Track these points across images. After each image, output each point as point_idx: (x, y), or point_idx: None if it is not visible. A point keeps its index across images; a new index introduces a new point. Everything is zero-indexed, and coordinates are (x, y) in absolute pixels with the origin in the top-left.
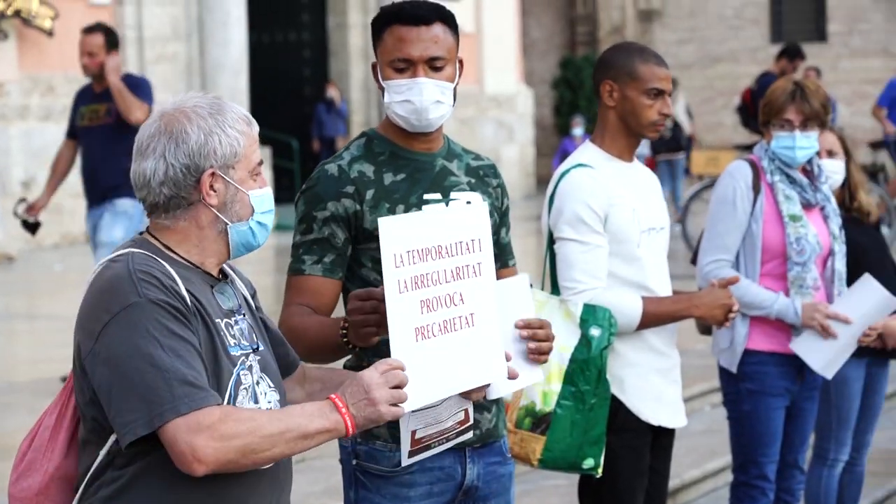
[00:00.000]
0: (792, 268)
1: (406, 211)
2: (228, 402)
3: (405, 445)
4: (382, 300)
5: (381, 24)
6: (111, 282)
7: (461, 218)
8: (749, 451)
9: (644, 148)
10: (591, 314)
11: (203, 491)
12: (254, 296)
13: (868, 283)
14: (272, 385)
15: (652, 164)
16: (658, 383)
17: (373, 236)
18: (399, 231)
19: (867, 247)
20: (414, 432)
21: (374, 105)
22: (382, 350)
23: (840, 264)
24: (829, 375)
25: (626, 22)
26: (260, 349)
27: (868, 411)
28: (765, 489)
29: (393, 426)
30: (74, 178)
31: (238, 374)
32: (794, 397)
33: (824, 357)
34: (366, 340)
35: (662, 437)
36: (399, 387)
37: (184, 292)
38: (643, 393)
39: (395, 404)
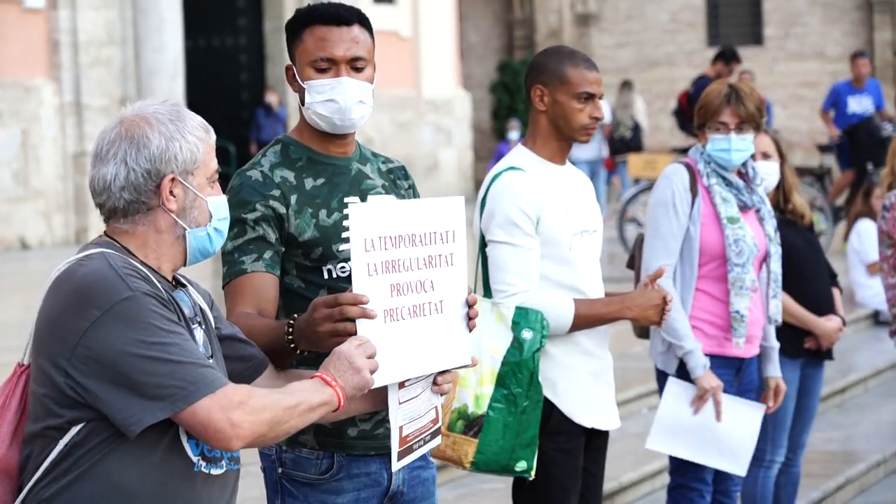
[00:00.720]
0: (732, 269)
1: (329, 216)
2: None
3: (395, 446)
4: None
5: (300, 24)
6: (92, 279)
7: (437, 209)
8: None
9: (584, 151)
10: (523, 317)
11: (154, 492)
12: (212, 306)
13: (757, 410)
14: None
15: (611, 164)
16: (591, 385)
17: (297, 242)
18: (370, 217)
19: (801, 248)
20: (401, 429)
21: None
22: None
23: (776, 266)
24: (648, 445)
25: (564, 26)
26: (216, 357)
27: (803, 413)
28: (702, 491)
29: (320, 433)
30: (7, 184)
31: None
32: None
33: (670, 417)
34: (324, 349)
35: (596, 440)
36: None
37: (162, 290)
38: (576, 395)
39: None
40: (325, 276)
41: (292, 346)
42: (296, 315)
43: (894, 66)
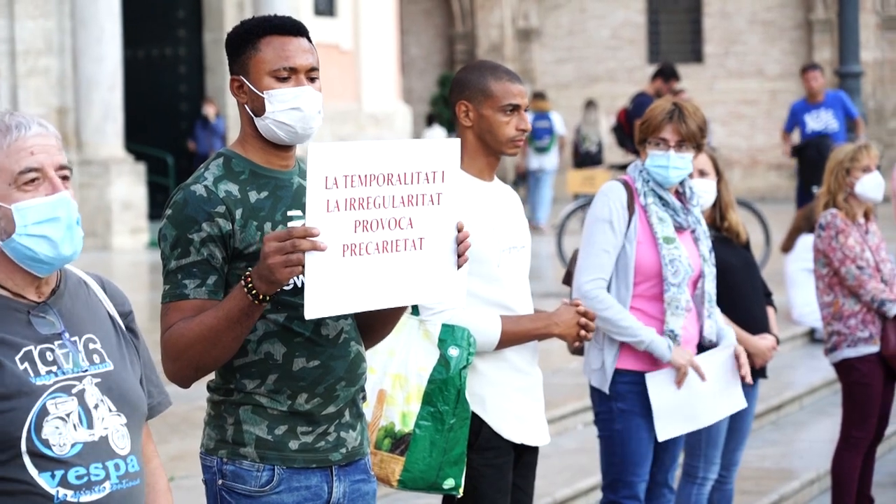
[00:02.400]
0: (668, 289)
1: (273, 229)
2: (29, 435)
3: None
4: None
5: (254, 35)
6: None
7: (427, 150)
8: (620, 470)
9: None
10: (449, 334)
11: None
12: (127, 314)
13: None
14: (115, 408)
15: None
16: (520, 401)
17: (242, 255)
18: (332, 156)
19: (736, 267)
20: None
21: None
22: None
23: (710, 286)
24: (661, 437)
25: (505, 41)
26: (104, 370)
27: (737, 430)
28: None
29: (261, 446)
30: None
31: (43, 405)
32: None
33: (666, 405)
34: (280, 282)
35: (526, 455)
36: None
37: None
38: (505, 411)
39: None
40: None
41: (253, 293)
42: (247, 269)
43: (834, 85)
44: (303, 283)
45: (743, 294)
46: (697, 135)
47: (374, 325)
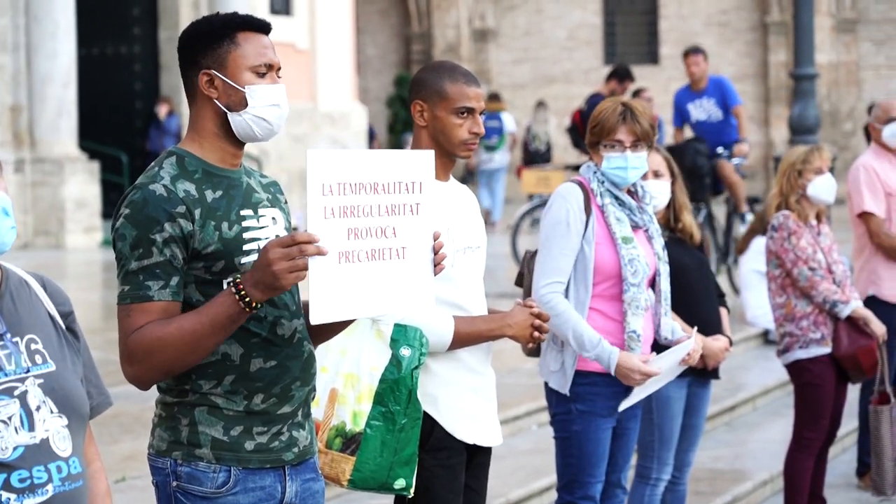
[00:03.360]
0: (628, 289)
1: (230, 229)
2: None
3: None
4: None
5: (231, 29)
6: None
7: (404, 161)
8: (576, 471)
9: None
10: (402, 334)
11: None
12: (67, 315)
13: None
14: (57, 410)
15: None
16: (472, 401)
17: (200, 255)
18: (328, 163)
19: (690, 268)
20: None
21: None
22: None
23: (665, 284)
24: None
25: (462, 41)
26: (46, 371)
27: (690, 431)
28: None
29: (217, 447)
30: None
31: None
32: (620, 417)
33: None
34: (284, 288)
35: (479, 456)
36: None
37: None
38: (457, 411)
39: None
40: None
41: (245, 300)
42: (235, 276)
43: (788, 87)
44: None
45: (696, 295)
46: (650, 133)
47: (330, 326)
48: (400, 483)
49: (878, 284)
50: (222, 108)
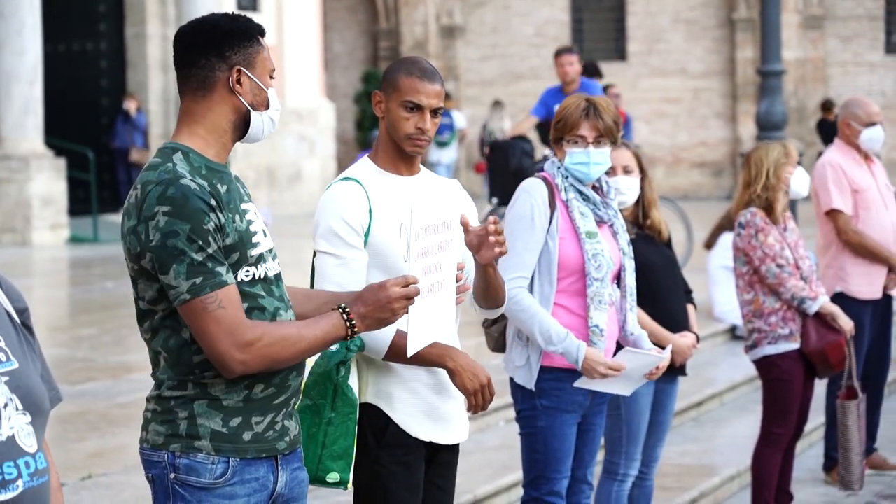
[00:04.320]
0: (591, 283)
1: (241, 221)
2: None
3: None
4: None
5: (257, 31)
6: None
7: (444, 200)
8: (542, 466)
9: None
10: None
11: None
12: (23, 311)
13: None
14: (22, 407)
15: (482, 168)
16: (430, 399)
17: (224, 247)
18: (424, 210)
19: (658, 264)
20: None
21: (172, 116)
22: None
23: (630, 279)
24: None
25: (429, 38)
26: (11, 369)
27: (657, 427)
28: None
29: (217, 439)
30: None
31: None
32: (585, 412)
33: (608, 385)
34: (390, 324)
35: (444, 454)
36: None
37: None
38: (413, 408)
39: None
40: (236, 279)
41: (353, 329)
42: (342, 304)
43: (756, 83)
44: (263, 275)
45: (664, 292)
46: (614, 129)
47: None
48: (333, 477)
49: (845, 281)
50: (246, 105)
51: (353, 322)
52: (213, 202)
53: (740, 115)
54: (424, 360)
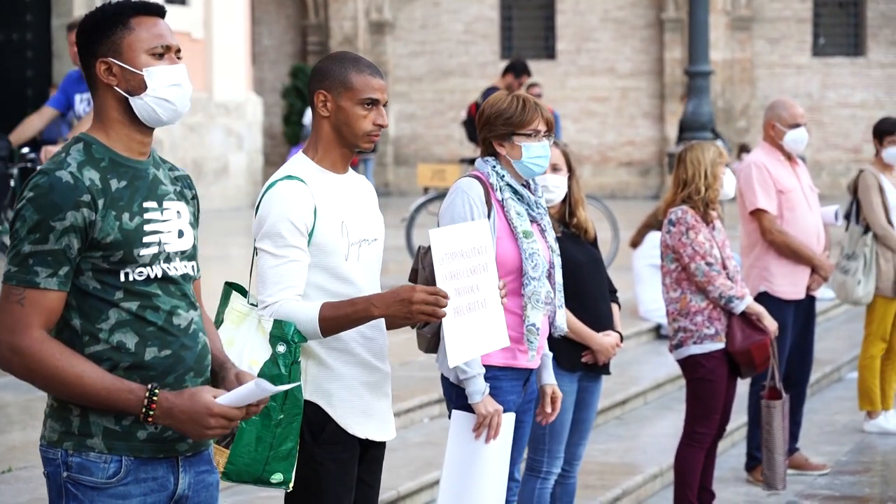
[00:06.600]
0: (529, 283)
1: (131, 220)
2: None
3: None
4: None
5: (126, 15)
6: None
7: (472, 230)
8: None
9: None
10: (278, 329)
11: None
12: None
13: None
14: None
15: (355, 160)
16: (366, 397)
17: (99, 245)
18: (445, 239)
19: (583, 263)
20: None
21: None
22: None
23: (559, 277)
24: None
25: (359, 33)
26: None
27: (580, 425)
28: None
29: (109, 436)
30: None
31: None
32: (516, 410)
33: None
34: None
35: (372, 450)
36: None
37: None
38: (350, 406)
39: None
40: (122, 278)
41: (147, 415)
42: (153, 387)
43: (683, 84)
44: (161, 274)
45: (589, 291)
46: (551, 123)
47: None
48: (277, 477)
49: (769, 281)
50: (122, 93)
51: (154, 412)
52: (84, 198)
53: (668, 116)
54: (352, 319)
